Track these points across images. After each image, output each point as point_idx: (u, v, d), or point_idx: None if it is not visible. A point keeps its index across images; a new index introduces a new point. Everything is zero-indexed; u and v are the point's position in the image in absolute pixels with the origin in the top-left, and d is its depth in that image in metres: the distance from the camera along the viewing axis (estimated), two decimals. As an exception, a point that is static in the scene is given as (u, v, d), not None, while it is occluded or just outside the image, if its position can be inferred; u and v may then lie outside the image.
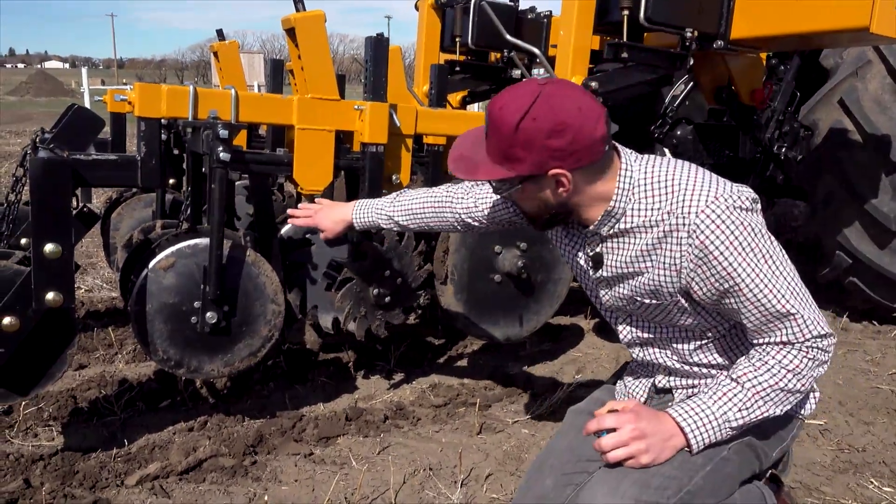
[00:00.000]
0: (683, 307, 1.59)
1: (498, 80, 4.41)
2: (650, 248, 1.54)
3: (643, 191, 1.54)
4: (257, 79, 20.08)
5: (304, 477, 2.57)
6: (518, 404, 3.25)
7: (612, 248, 1.63)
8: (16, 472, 2.47)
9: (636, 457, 1.49)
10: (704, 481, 1.53)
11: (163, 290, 2.60)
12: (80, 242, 5.01)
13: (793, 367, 1.49)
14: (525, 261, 3.26)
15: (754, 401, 1.50)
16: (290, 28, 2.81)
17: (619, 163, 1.56)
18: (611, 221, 1.58)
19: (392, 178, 3.07)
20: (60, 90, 40.30)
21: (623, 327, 1.78)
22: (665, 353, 1.73)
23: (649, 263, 1.56)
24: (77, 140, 2.61)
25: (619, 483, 1.49)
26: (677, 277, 1.52)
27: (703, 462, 1.53)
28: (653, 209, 1.53)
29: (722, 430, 1.51)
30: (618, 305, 1.72)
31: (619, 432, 1.50)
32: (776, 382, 1.49)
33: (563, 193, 1.52)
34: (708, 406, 1.52)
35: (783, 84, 4.28)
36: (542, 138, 1.43)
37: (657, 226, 1.52)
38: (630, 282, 1.62)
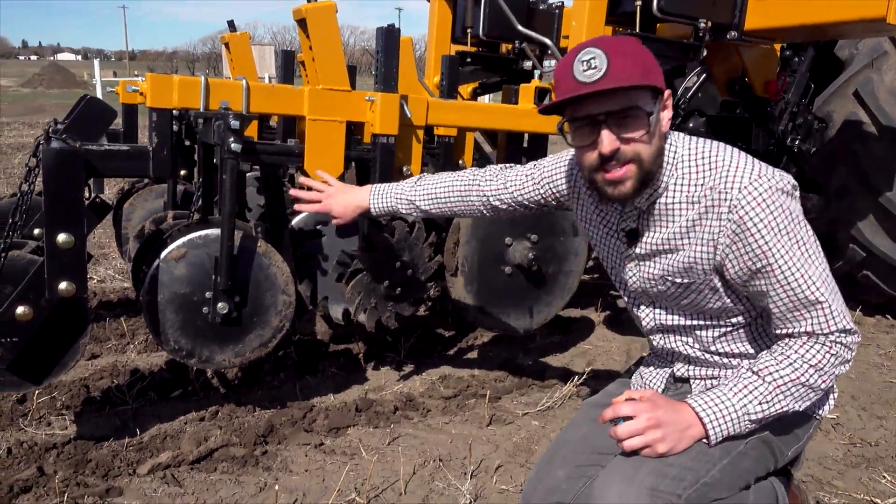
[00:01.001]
0: (714, 287, 1.56)
1: (509, 71, 4.38)
2: (690, 225, 1.52)
3: (686, 166, 1.53)
4: (268, 71, 20.10)
5: (314, 467, 2.58)
6: (528, 396, 3.25)
7: (649, 223, 1.60)
8: (29, 459, 2.49)
9: (652, 445, 1.47)
10: (721, 474, 1.51)
11: (174, 280, 2.61)
12: (93, 233, 5.03)
13: (815, 361, 1.47)
14: (536, 253, 3.25)
15: (774, 395, 1.48)
16: (301, 19, 2.81)
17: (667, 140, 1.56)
18: (652, 194, 1.55)
19: (403, 169, 3.06)
20: (73, 82, 40.48)
21: (646, 311, 1.75)
22: (686, 340, 1.71)
23: (687, 241, 1.54)
24: (89, 131, 2.61)
25: (636, 472, 1.48)
26: (713, 253, 1.50)
27: (721, 455, 1.52)
28: (695, 185, 1.51)
29: (741, 422, 1.49)
30: (645, 287, 1.69)
31: (635, 420, 1.48)
32: (798, 377, 1.47)
33: (668, 123, 1.50)
34: (728, 398, 1.49)
35: (797, 75, 4.23)
36: (654, 59, 1.47)
37: (698, 202, 1.50)
38: (664, 259, 1.60)
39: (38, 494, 2.31)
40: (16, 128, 15.70)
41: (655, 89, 1.47)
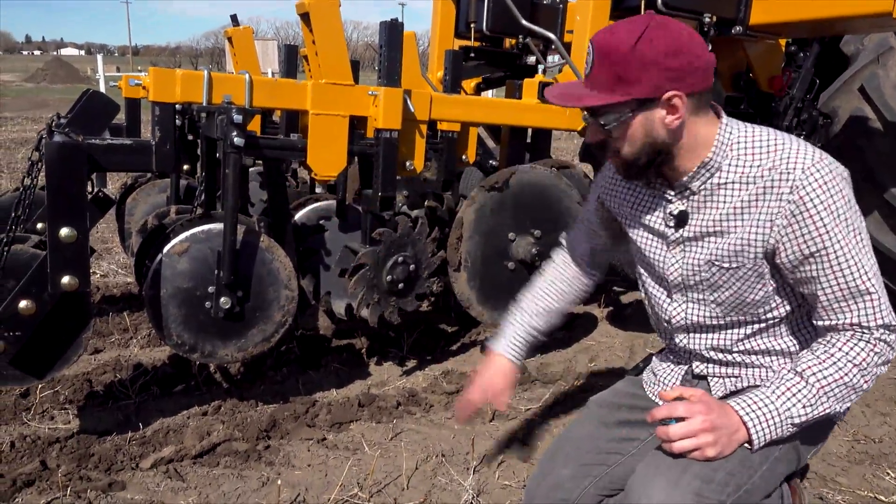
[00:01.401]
0: (761, 274, 1.52)
1: (513, 66, 4.38)
2: (744, 206, 1.48)
3: (742, 148, 1.50)
4: (271, 66, 20.12)
5: (316, 462, 2.58)
6: (531, 392, 3.24)
7: (700, 205, 1.56)
8: (32, 453, 2.50)
9: (702, 449, 1.44)
10: (761, 480, 1.49)
11: (177, 274, 2.61)
12: (96, 227, 5.04)
13: (859, 360, 1.43)
14: (539, 248, 3.24)
15: (818, 396, 1.44)
16: (304, 13, 2.80)
17: (720, 118, 1.53)
18: (705, 175, 1.53)
19: (406, 164, 3.05)
20: (76, 77, 40.49)
21: (678, 308, 1.69)
22: (712, 339, 1.66)
23: (740, 222, 1.50)
24: (92, 125, 2.61)
25: (681, 475, 1.45)
26: (768, 234, 1.46)
27: (761, 461, 1.50)
28: (752, 166, 1.48)
29: (784, 426, 1.45)
30: (687, 275, 1.63)
31: (689, 422, 1.44)
32: (841, 377, 1.43)
33: (674, 123, 1.46)
34: (771, 401, 1.45)
35: (802, 71, 4.21)
36: (660, 58, 1.40)
37: (755, 182, 1.47)
38: (713, 242, 1.55)
39: (41, 488, 2.31)
40: (19, 123, 15.72)
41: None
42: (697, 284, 1.62)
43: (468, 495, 2.37)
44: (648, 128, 1.48)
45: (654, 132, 1.48)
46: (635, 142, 1.51)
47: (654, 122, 1.47)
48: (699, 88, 1.45)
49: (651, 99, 1.44)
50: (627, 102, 1.45)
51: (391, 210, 3.03)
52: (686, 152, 1.52)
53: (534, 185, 3.24)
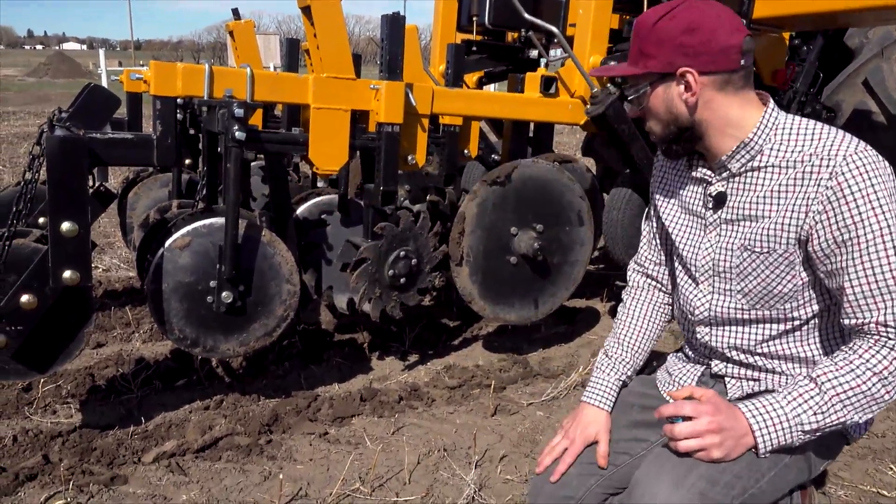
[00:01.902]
0: (792, 262, 1.50)
1: (515, 60, 4.36)
2: (782, 189, 1.47)
3: (787, 133, 1.50)
4: (273, 60, 20.10)
5: (318, 456, 2.58)
6: (533, 386, 3.24)
7: (739, 187, 1.56)
8: (35, 448, 2.50)
9: (708, 450, 1.43)
10: (768, 485, 1.48)
11: (179, 269, 2.60)
12: (97, 222, 5.04)
13: (880, 369, 1.37)
14: (541, 243, 3.24)
15: (832, 405, 1.39)
16: (305, 7, 2.79)
17: (766, 104, 1.54)
18: (745, 156, 1.52)
19: (408, 158, 3.05)
20: (78, 71, 40.45)
21: (703, 297, 1.67)
22: (735, 335, 1.64)
23: (776, 206, 1.48)
24: (93, 119, 2.60)
25: (686, 475, 1.44)
26: (803, 219, 1.44)
27: (769, 466, 1.48)
28: (794, 150, 1.47)
29: (793, 432, 1.42)
30: (719, 259, 1.61)
31: (695, 422, 1.44)
32: (858, 385, 1.38)
33: (691, 99, 1.49)
34: (781, 406, 1.42)
35: (806, 64, 4.20)
36: (675, 35, 1.46)
37: (795, 166, 1.46)
38: (749, 226, 1.54)
39: (44, 482, 2.31)
40: (21, 117, 15.72)
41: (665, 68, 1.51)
42: (727, 272, 1.60)
43: (470, 490, 2.37)
44: (668, 103, 1.54)
45: (673, 107, 1.53)
46: (659, 116, 1.57)
47: (672, 97, 1.52)
48: (717, 68, 1.47)
49: (668, 74, 1.50)
50: (646, 75, 1.53)
51: (393, 204, 3.02)
52: (717, 131, 1.54)
53: (536, 180, 3.24)
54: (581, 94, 3.40)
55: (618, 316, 1.97)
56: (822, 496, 2.43)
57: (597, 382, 1.87)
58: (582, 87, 3.38)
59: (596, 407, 1.82)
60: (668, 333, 3.98)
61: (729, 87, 1.50)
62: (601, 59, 3.36)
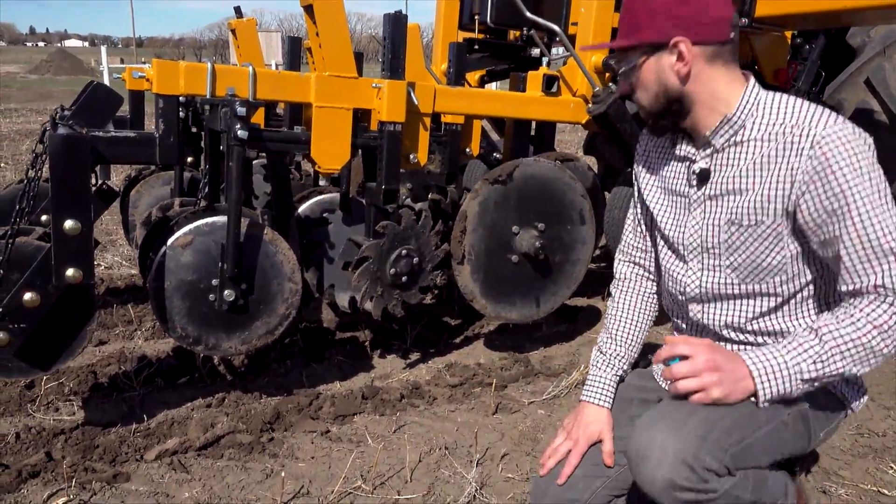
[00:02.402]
0: (780, 234, 1.51)
1: (517, 58, 4.36)
2: (765, 161, 1.49)
3: (768, 108, 1.52)
4: (275, 58, 20.09)
5: (320, 454, 2.59)
6: (534, 385, 3.25)
7: (722, 162, 1.57)
8: (38, 445, 2.51)
9: (707, 389, 1.42)
10: (765, 438, 1.48)
11: (181, 267, 2.61)
12: (100, 220, 5.05)
13: (880, 322, 1.39)
14: (543, 241, 3.24)
15: (831, 354, 1.41)
16: (307, 5, 2.79)
17: (748, 81, 1.56)
18: (728, 131, 1.54)
19: (410, 156, 3.05)
20: (80, 68, 40.46)
21: (693, 274, 1.67)
22: (728, 312, 1.64)
23: (761, 178, 1.50)
24: (96, 117, 2.61)
25: (686, 419, 1.43)
26: (789, 191, 1.45)
27: (767, 419, 1.48)
28: (774, 123, 1.50)
29: (793, 381, 1.42)
30: (706, 236, 1.62)
31: (692, 360, 1.44)
32: (858, 337, 1.39)
33: (683, 70, 1.51)
34: (781, 354, 1.43)
35: (808, 63, 4.20)
36: (668, 5, 1.49)
37: (776, 139, 1.48)
38: (734, 200, 1.55)
39: (46, 479, 2.32)
40: (23, 114, 15.73)
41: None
42: (715, 248, 1.61)
43: (471, 488, 2.38)
44: (659, 73, 1.55)
45: (664, 78, 1.55)
46: (649, 88, 1.59)
47: (664, 68, 1.54)
48: (708, 38, 1.49)
49: (660, 45, 1.51)
50: (638, 47, 1.55)
51: (395, 203, 3.03)
52: (704, 105, 1.55)
53: (538, 178, 3.24)
54: (583, 93, 3.40)
55: (608, 310, 1.98)
56: (822, 495, 2.44)
57: (594, 380, 1.88)
58: (584, 85, 3.38)
59: (596, 405, 1.83)
60: (669, 332, 3.98)
61: (718, 60, 1.52)
62: (603, 58, 3.36)
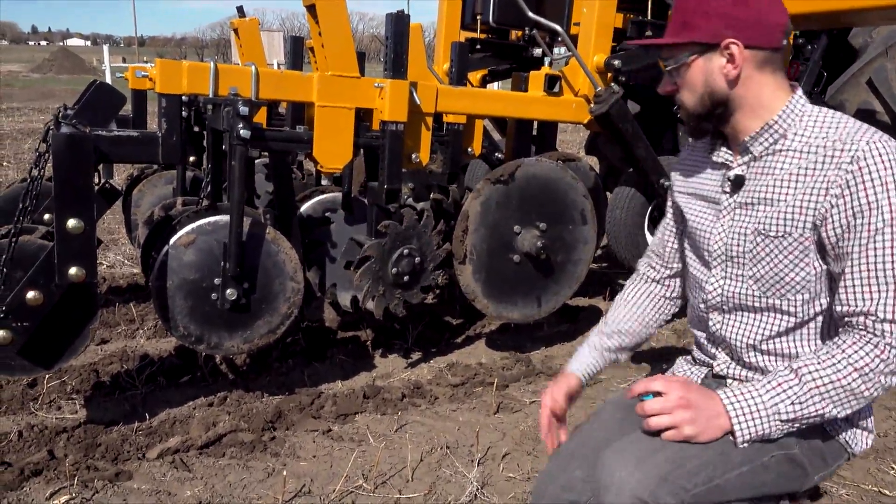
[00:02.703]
0: (806, 249, 1.47)
1: (519, 58, 4.36)
2: (802, 172, 1.46)
3: (812, 119, 1.49)
4: (276, 57, 20.07)
5: (322, 453, 2.59)
6: (535, 385, 3.25)
7: (758, 170, 1.55)
8: (40, 443, 2.52)
9: (679, 427, 1.41)
10: (736, 480, 1.44)
11: (183, 266, 2.61)
12: (102, 219, 5.05)
13: (860, 364, 1.36)
14: (544, 241, 3.24)
15: (810, 395, 1.38)
16: (310, 5, 2.79)
17: (795, 91, 1.54)
18: (768, 138, 1.52)
19: (412, 156, 3.05)
20: (82, 67, 40.48)
21: (715, 282, 1.64)
22: (746, 325, 1.61)
23: (793, 189, 1.46)
24: (99, 116, 2.62)
25: (651, 455, 1.41)
26: (821, 202, 1.42)
27: (742, 461, 1.44)
28: (817, 136, 1.46)
29: (770, 421, 1.40)
30: (731, 243, 1.59)
31: (665, 397, 1.43)
32: (839, 379, 1.36)
33: (732, 73, 1.48)
34: (759, 393, 1.41)
35: (810, 63, 4.19)
36: (726, 6, 1.45)
37: (816, 152, 1.44)
38: (764, 210, 1.52)
39: (49, 477, 2.33)
40: (25, 113, 15.75)
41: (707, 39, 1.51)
42: (739, 256, 1.58)
43: (472, 487, 2.38)
44: (707, 75, 1.52)
45: (712, 80, 1.52)
46: (696, 89, 1.55)
47: (713, 70, 1.51)
48: (761, 43, 1.47)
49: (712, 45, 1.48)
50: (688, 45, 1.51)
51: (397, 202, 3.03)
52: (747, 110, 1.53)
53: (539, 178, 3.24)
54: (585, 93, 3.40)
55: (616, 298, 2.00)
56: (823, 495, 2.44)
57: (579, 353, 1.96)
58: (586, 85, 3.39)
59: (572, 374, 1.92)
60: (671, 332, 3.99)
61: (767, 66, 1.49)
62: (605, 58, 3.37)
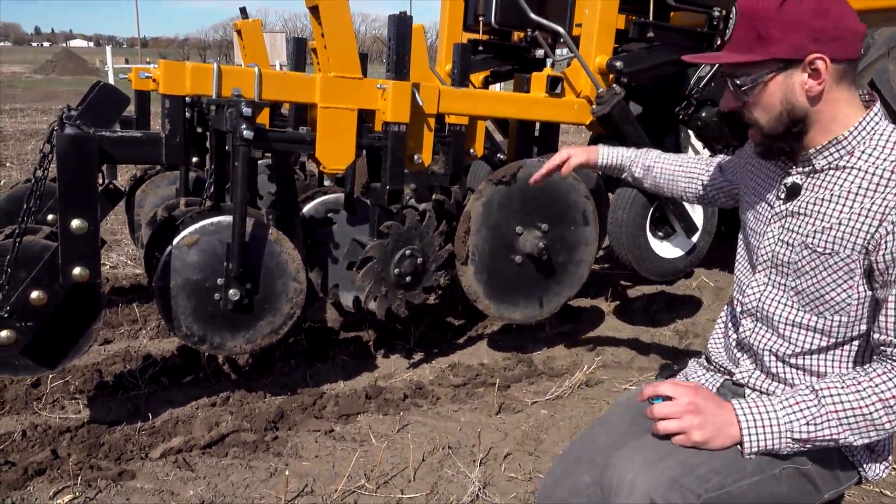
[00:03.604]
0: (852, 270, 1.41)
1: (521, 60, 4.37)
2: (861, 193, 1.39)
3: (883, 139, 1.41)
4: (279, 58, 20.09)
5: (324, 453, 2.60)
6: (537, 385, 3.26)
7: (816, 183, 1.48)
8: (44, 443, 2.53)
9: (688, 432, 1.39)
10: (748, 489, 1.41)
11: (186, 266, 2.62)
12: (106, 219, 5.06)
13: (887, 396, 1.32)
14: (546, 242, 3.25)
15: (827, 419, 1.35)
16: (313, 6, 2.80)
17: (872, 106, 1.46)
18: (834, 153, 1.43)
19: (414, 157, 3.06)
20: (85, 69, 40.53)
21: (756, 286, 1.61)
22: (776, 338, 1.57)
23: (850, 209, 1.40)
24: (102, 117, 2.63)
25: (662, 459, 1.39)
26: (876, 227, 1.35)
27: (753, 471, 1.41)
28: (886, 157, 1.39)
29: (782, 438, 1.37)
30: (778, 251, 1.55)
31: (674, 402, 1.41)
32: (860, 406, 1.33)
33: (816, 88, 1.38)
34: (775, 409, 1.38)
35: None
36: (807, 17, 1.34)
37: (881, 174, 1.37)
38: (814, 224, 1.46)
39: (52, 477, 2.34)
40: (28, 114, 15.77)
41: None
42: (784, 266, 1.54)
43: (474, 487, 2.39)
44: (787, 92, 1.42)
45: (792, 97, 1.42)
46: (773, 108, 1.45)
47: (793, 87, 1.41)
48: (845, 55, 1.38)
49: (793, 61, 1.38)
50: (767, 62, 1.40)
51: (399, 203, 3.04)
52: (822, 126, 1.44)
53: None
54: (587, 95, 3.41)
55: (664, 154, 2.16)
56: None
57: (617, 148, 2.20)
58: (588, 87, 3.39)
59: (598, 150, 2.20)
60: (673, 333, 3.99)
61: (845, 79, 1.41)
62: (607, 59, 3.37)
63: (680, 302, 4.53)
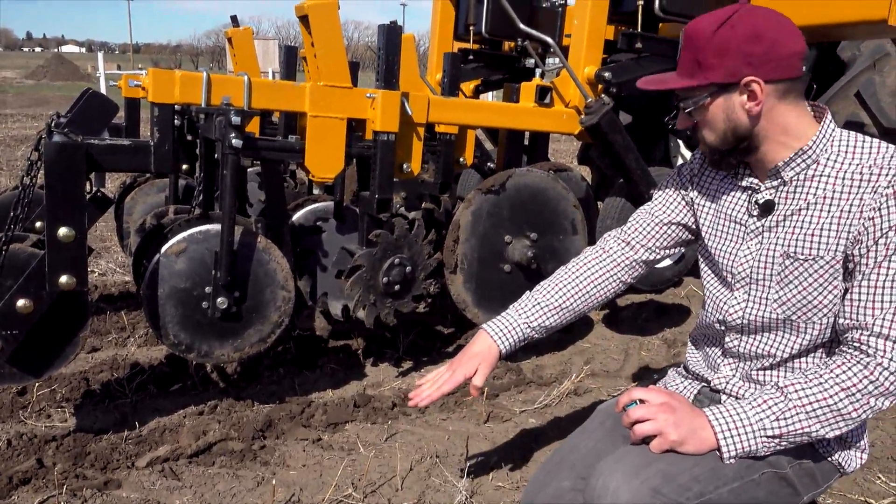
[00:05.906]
0: (836, 271, 1.46)
1: (511, 69, 4.40)
2: (835, 197, 1.44)
3: (845, 145, 1.48)
4: (272, 65, 20.13)
5: (311, 462, 2.59)
6: (526, 394, 3.26)
7: (788, 195, 1.52)
8: (29, 451, 2.51)
9: (663, 431, 1.43)
10: (728, 495, 1.44)
11: (174, 274, 2.62)
12: (94, 226, 5.05)
13: (848, 385, 1.37)
14: (535, 251, 3.26)
15: (795, 413, 1.39)
16: (303, 15, 2.81)
17: (825, 115, 1.52)
18: (801, 164, 1.49)
19: (403, 166, 3.07)
20: (77, 74, 40.47)
21: (737, 304, 1.62)
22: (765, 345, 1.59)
23: (827, 213, 1.45)
24: (91, 125, 2.62)
25: (643, 469, 1.42)
26: (855, 225, 1.41)
27: (733, 476, 1.45)
28: (850, 162, 1.45)
29: (756, 437, 1.41)
30: (759, 266, 1.57)
31: (648, 404, 1.45)
32: (825, 398, 1.38)
33: (755, 109, 1.45)
34: (745, 410, 1.43)
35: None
36: (738, 43, 1.41)
37: (851, 177, 1.44)
38: (793, 234, 1.50)
39: (37, 486, 2.32)
40: (19, 119, 15.72)
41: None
42: (765, 280, 1.56)
43: (461, 496, 2.39)
44: (729, 113, 1.49)
45: (734, 117, 1.49)
46: (717, 127, 1.52)
47: (734, 107, 1.48)
48: (781, 76, 1.43)
49: (731, 84, 1.45)
50: (706, 87, 1.48)
51: (388, 212, 3.04)
52: (774, 141, 1.50)
53: (530, 188, 3.26)
54: (576, 104, 3.43)
55: (568, 264, 1.95)
56: (810, 505, 2.45)
57: (506, 316, 1.89)
58: (577, 97, 3.41)
59: (491, 339, 1.88)
60: (661, 342, 4.00)
61: (790, 95, 1.47)
62: (595, 69, 3.39)
63: (668, 311, 4.55)
